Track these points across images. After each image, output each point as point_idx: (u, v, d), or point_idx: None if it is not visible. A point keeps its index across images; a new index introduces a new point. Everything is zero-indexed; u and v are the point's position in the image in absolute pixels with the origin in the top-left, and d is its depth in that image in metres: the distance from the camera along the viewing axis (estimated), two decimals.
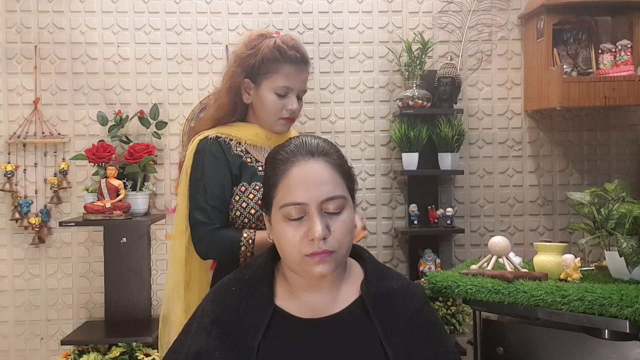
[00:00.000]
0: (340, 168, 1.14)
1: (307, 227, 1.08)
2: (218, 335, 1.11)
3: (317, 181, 1.09)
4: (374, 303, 1.14)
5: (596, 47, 2.63)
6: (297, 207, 1.08)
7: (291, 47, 1.58)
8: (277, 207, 1.11)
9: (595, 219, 1.59)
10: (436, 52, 2.72)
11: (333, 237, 1.08)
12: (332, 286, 1.16)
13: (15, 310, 2.61)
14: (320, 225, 1.06)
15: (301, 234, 1.08)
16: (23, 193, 2.59)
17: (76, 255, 2.63)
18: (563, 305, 1.40)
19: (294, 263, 1.11)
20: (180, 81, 2.66)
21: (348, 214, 1.12)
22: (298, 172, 1.10)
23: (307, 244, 1.07)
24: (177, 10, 2.65)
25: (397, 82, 2.72)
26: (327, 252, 1.08)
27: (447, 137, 2.56)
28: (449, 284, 1.57)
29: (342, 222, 1.10)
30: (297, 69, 1.59)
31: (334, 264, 1.09)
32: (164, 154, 2.65)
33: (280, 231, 1.11)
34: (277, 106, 1.58)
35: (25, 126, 2.59)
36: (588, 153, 2.79)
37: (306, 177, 1.10)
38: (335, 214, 1.10)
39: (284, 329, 1.12)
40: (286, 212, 1.09)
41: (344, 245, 1.11)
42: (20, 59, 2.60)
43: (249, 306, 1.13)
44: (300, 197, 1.08)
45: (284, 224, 1.10)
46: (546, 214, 2.77)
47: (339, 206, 1.10)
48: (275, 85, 1.58)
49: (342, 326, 1.13)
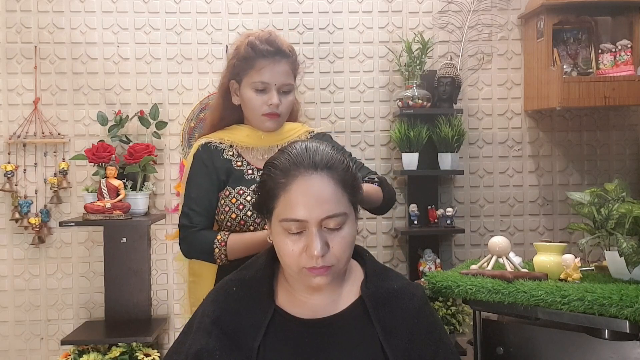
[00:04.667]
0: (344, 183, 1.12)
1: (306, 242, 1.07)
2: (218, 335, 1.11)
3: (319, 199, 1.08)
4: (373, 303, 1.14)
5: (596, 47, 2.63)
6: (297, 223, 1.08)
7: (264, 42, 1.56)
8: (277, 218, 1.11)
9: (595, 219, 1.58)
10: (436, 52, 2.72)
11: (331, 253, 1.08)
12: (333, 288, 1.16)
13: (15, 310, 2.61)
14: (319, 243, 1.06)
15: (300, 248, 1.08)
16: (23, 193, 2.59)
17: (76, 255, 2.62)
18: (563, 305, 1.40)
19: (293, 273, 1.12)
20: (180, 81, 2.65)
21: (349, 229, 1.11)
22: (299, 187, 1.09)
23: (306, 258, 1.08)
24: (177, 10, 2.65)
25: (397, 82, 2.72)
26: (325, 268, 1.08)
27: (447, 137, 2.56)
28: (449, 284, 1.56)
29: (341, 238, 1.10)
30: (271, 61, 1.56)
31: (331, 277, 1.10)
32: (164, 154, 2.65)
33: (279, 243, 1.11)
34: (256, 102, 1.57)
35: (25, 126, 2.59)
36: (588, 153, 2.78)
37: (307, 194, 1.08)
38: (335, 230, 1.09)
39: (285, 329, 1.12)
40: (286, 226, 1.09)
41: (342, 260, 1.11)
42: (20, 59, 2.60)
43: (249, 306, 1.14)
44: (300, 215, 1.07)
45: (283, 236, 1.10)
46: (546, 214, 2.77)
47: (339, 223, 1.09)
48: (252, 82, 1.57)
49: (342, 326, 1.13)
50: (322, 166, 1.10)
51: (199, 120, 2.64)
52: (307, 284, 1.10)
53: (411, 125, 2.58)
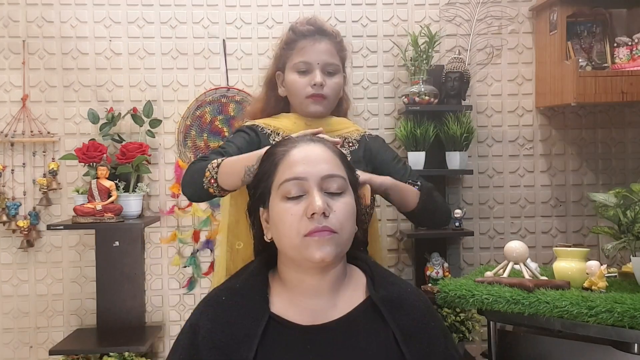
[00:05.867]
0: (341, 156, 1.14)
1: (307, 204, 1.04)
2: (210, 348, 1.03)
3: (318, 159, 1.08)
4: (388, 307, 1.08)
5: (611, 41, 2.51)
6: (296, 182, 1.05)
7: (305, 23, 1.56)
8: (275, 188, 1.08)
9: (621, 222, 1.47)
10: (443, 46, 2.61)
11: (334, 216, 1.04)
12: (332, 290, 1.09)
13: (3, 318, 2.50)
14: (320, 199, 1.03)
15: (300, 212, 1.03)
16: (11, 194, 2.48)
17: (67, 260, 2.51)
18: (590, 317, 1.29)
19: (293, 248, 1.04)
20: (175, 77, 2.54)
21: (349, 198, 1.09)
22: (299, 151, 1.10)
23: (307, 222, 1.02)
24: (172, 2, 2.53)
25: (402, 78, 2.60)
26: (328, 230, 1.02)
27: (455, 135, 2.45)
28: (462, 293, 1.45)
29: (343, 204, 1.06)
30: (312, 40, 1.54)
31: (334, 246, 1.03)
32: (158, 153, 2.53)
33: (278, 212, 1.06)
34: (300, 84, 1.55)
35: (13, 124, 2.48)
36: (602, 152, 2.67)
37: (307, 155, 1.09)
38: (336, 194, 1.06)
39: (282, 337, 1.04)
40: (285, 189, 1.05)
41: (345, 229, 1.05)
42: (8, 54, 2.49)
43: (241, 315, 1.05)
44: (300, 171, 1.06)
45: (282, 203, 1.06)
46: (559, 215, 2.65)
47: (340, 187, 1.07)
48: (294, 63, 1.55)
49: (348, 331, 1.05)
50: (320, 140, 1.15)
51: (194, 117, 2.53)
52: (310, 257, 1.02)
53: (417, 123, 2.47)
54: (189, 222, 2.53)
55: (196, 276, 2.52)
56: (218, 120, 2.53)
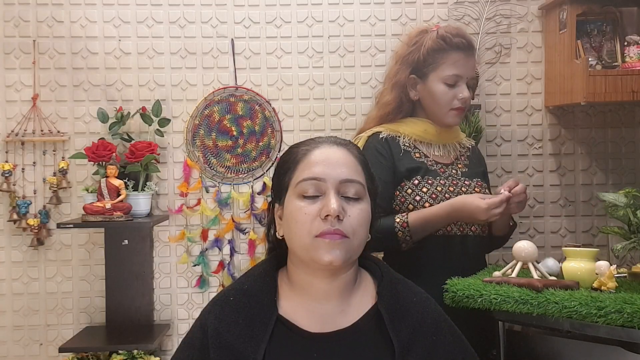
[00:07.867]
0: (364, 164, 1.13)
1: (322, 205, 1.03)
2: (217, 348, 1.03)
3: (339, 162, 1.07)
4: (390, 315, 1.06)
5: (621, 39, 2.49)
6: (314, 182, 1.04)
7: (456, 35, 1.58)
8: (293, 186, 1.07)
9: (631, 222, 1.46)
10: None
11: (348, 221, 1.03)
12: (342, 296, 1.08)
13: (14, 315, 2.52)
14: (336, 202, 1.02)
15: (314, 212, 1.03)
16: (21, 193, 2.50)
17: (76, 258, 2.53)
18: (599, 317, 1.28)
19: (303, 248, 1.03)
20: (184, 76, 2.55)
21: (366, 206, 1.08)
22: (320, 152, 1.09)
23: (320, 223, 1.02)
24: (180, 2, 2.54)
25: None
26: (340, 234, 1.01)
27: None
28: (470, 293, 1.45)
29: (359, 210, 1.05)
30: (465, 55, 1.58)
31: (344, 251, 1.02)
32: (167, 152, 2.54)
33: (292, 209, 1.05)
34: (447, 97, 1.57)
35: (23, 124, 2.50)
36: (612, 151, 2.65)
37: (328, 157, 1.08)
38: (352, 200, 1.05)
39: (290, 340, 1.04)
40: (302, 188, 1.05)
41: (357, 235, 1.04)
42: (19, 53, 2.51)
43: (249, 317, 1.05)
44: (318, 173, 1.05)
45: (297, 201, 1.05)
46: (568, 215, 2.63)
47: (357, 192, 1.06)
48: (444, 75, 1.57)
49: (354, 341, 1.05)
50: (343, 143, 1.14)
51: (203, 117, 2.53)
52: (318, 259, 1.02)
53: None
54: (197, 221, 2.54)
55: (206, 275, 2.53)
56: (226, 120, 2.54)
